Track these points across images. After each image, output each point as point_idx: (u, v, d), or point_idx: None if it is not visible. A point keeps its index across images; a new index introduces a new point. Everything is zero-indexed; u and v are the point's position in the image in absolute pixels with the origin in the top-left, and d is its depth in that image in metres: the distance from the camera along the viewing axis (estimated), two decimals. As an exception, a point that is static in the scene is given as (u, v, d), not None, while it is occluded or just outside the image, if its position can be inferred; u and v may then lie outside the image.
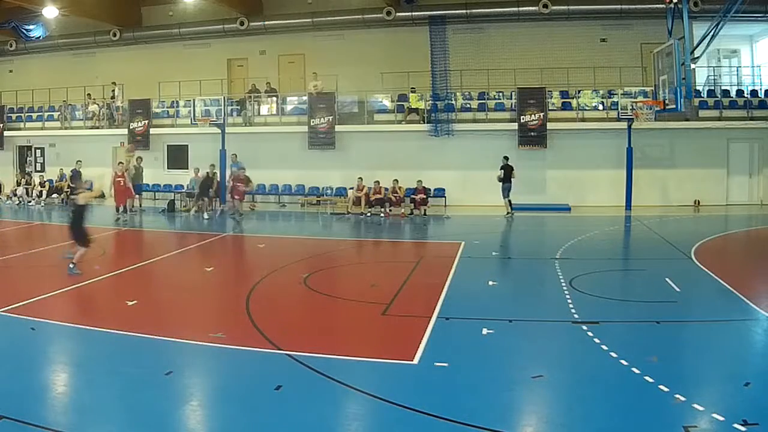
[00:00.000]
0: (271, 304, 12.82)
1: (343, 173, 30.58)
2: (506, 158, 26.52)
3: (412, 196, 28.01)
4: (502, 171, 26.23)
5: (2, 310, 11.58)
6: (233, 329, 10.75)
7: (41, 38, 36.24)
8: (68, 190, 30.85)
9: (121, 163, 25.97)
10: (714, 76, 31.16)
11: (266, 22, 33.68)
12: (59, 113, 36.45)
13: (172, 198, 30.32)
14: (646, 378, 8.28)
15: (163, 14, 35.67)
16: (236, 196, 24.55)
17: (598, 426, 7.22)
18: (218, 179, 29.71)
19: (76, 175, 27.44)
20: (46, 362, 9.45)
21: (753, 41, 31.83)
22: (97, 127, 35.35)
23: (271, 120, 33.32)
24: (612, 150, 28.39)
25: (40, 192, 32.95)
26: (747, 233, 23.03)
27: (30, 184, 33.44)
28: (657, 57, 23.93)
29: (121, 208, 25.21)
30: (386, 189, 27.97)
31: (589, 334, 10.29)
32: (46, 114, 37.18)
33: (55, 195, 32.43)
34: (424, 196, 27.74)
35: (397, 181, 28.16)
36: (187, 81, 34.07)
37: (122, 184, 25.19)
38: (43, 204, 32.02)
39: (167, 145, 34.60)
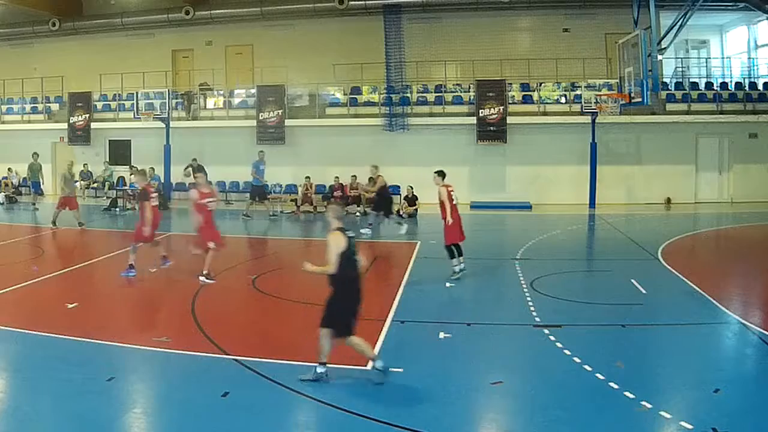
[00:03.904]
0: (218, 306, 12.58)
1: (293, 169, 29.69)
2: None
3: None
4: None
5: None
6: (178, 333, 10.65)
7: (-25, 28, 34.87)
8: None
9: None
10: (682, 67, 31.01)
11: (213, 12, 32.50)
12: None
13: (115, 196, 29.33)
14: (611, 384, 8.23)
15: (105, 3, 34.41)
16: None
17: (561, 435, 7.17)
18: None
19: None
20: (-18, 368, 9.33)
21: (723, 31, 31.70)
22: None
23: (218, 114, 32.37)
24: (575, 145, 27.92)
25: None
26: (716, 233, 22.97)
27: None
28: (622, 48, 23.47)
29: None
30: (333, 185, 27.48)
31: (551, 338, 10.20)
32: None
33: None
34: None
35: (355, 177, 27.60)
36: (129, 73, 32.80)
37: None
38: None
39: (109, 140, 33.57)
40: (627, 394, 7.87)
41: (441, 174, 15.00)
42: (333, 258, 8.18)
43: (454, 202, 14.78)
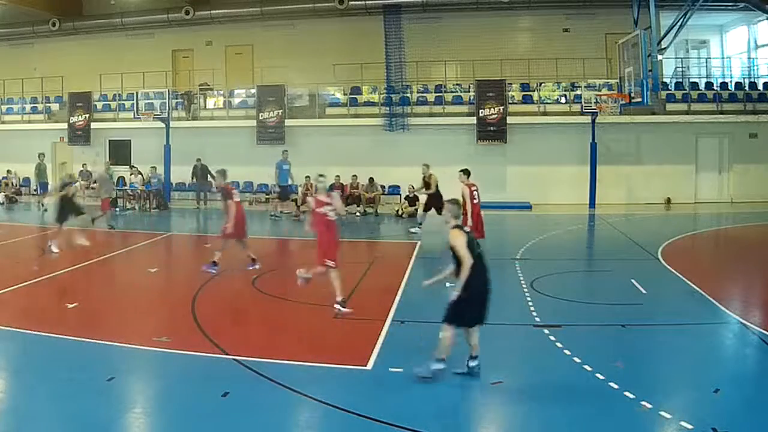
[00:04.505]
0: (218, 306, 12.50)
1: (293, 169, 28.88)
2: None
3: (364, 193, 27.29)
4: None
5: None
6: (178, 333, 10.57)
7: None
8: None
9: None
10: (682, 67, 30.75)
11: (213, 12, 32.33)
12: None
13: (115, 196, 28.97)
14: (611, 384, 8.16)
15: (105, 3, 34.01)
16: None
17: (561, 434, 7.10)
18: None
19: None
20: (-18, 368, 9.25)
21: (723, 31, 31.45)
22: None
23: (218, 114, 32.20)
24: (575, 145, 27.72)
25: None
26: (716, 233, 22.77)
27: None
28: (622, 48, 23.47)
29: None
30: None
31: (551, 338, 10.12)
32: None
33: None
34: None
35: (356, 176, 27.67)
36: (129, 73, 32.64)
37: None
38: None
39: (109, 140, 33.28)
40: (627, 394, 7.80)
41: (466, 172, 15.28)
42: (465, 252, 8.27)
43: (476, 201, 14.91)
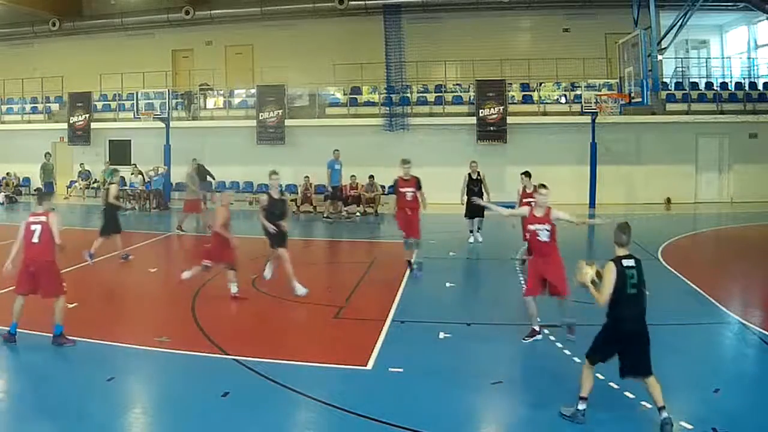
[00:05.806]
0: (218, 306, 12.44)
1: (293, 169, 29.19)
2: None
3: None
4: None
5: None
6: (178, 333, 10.56)
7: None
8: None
9: None
10: (682, 67, 30.69)
11: (213, 12, 32.31)
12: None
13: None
14: (611, 384, 8.04)
15: (105, 3, 34.14)
16: None
17: (561, 434, 7.03)
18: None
19: None
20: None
21: (723, 31, 31.45)
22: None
23: (218, 114, 32.18)
24: (575, 145, 27.62)
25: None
26: (716, 233, 22.63)
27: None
28: (622, 48, 23.65)
29: None
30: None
31: (551, 338, 10.09)
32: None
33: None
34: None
35: (354, 176, 27.55)
36: (129, 73, 32.58)
37: None
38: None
39: (109, 140, 33.26)
40: (627, 394, 7.78)
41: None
42: (606, 290, 7.07)
43: None
